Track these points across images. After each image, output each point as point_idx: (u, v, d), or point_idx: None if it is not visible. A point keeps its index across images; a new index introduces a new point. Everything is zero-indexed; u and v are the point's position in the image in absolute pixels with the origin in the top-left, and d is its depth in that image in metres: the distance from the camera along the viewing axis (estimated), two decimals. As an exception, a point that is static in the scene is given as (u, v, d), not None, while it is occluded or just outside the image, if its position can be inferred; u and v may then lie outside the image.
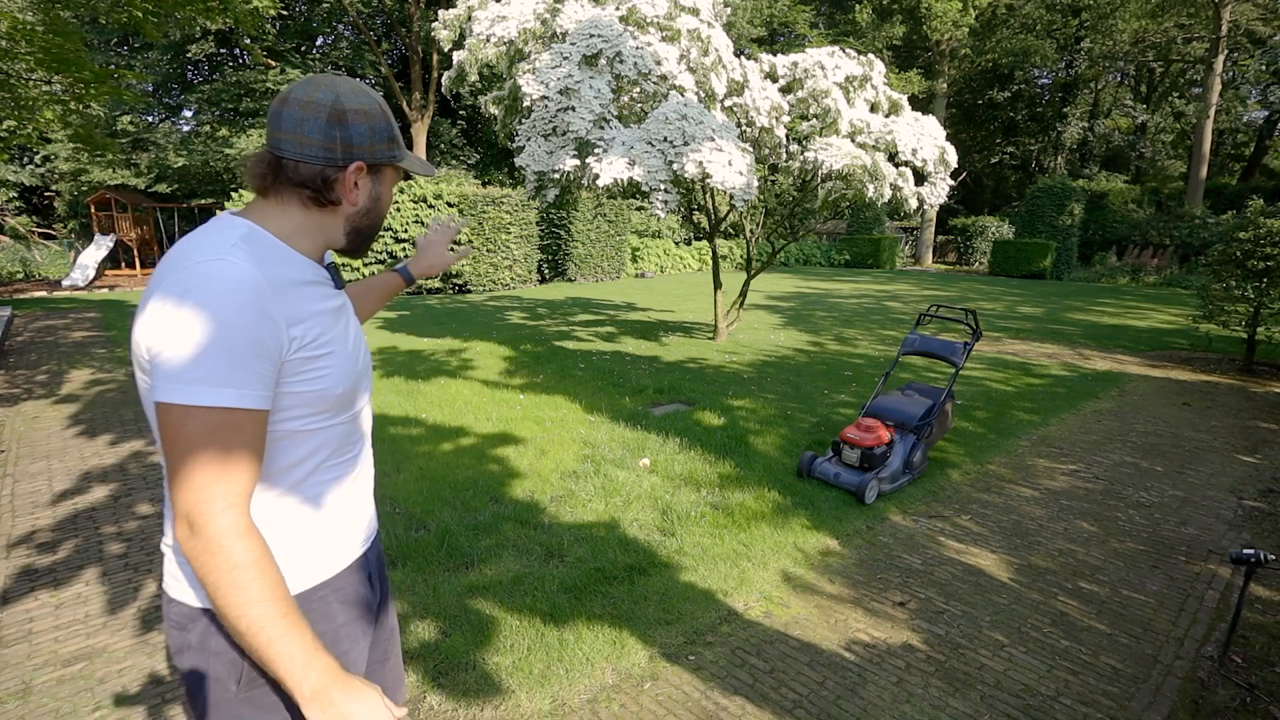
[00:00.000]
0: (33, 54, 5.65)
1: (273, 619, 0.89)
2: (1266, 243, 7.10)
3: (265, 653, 0.89)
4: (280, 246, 1.01)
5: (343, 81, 1.03)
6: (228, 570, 0.88)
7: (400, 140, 1.09)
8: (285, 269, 0.99)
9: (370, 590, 1.20)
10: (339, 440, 1.09)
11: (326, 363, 1.01)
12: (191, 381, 0.87)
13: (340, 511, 1.12)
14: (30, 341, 8.40)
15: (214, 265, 0.90)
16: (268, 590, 0.90)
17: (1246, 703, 2.29)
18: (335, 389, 1.04)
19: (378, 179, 1.08)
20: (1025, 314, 12.01)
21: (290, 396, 0.98)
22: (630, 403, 5.71)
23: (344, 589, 1.12)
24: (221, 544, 0.88)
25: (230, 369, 0.88)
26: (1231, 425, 5.51)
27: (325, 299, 1.05)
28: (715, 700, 2.24)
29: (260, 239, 0.99)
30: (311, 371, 1.00)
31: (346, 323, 1.12)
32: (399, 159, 1.08)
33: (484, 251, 14.61)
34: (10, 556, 3.16)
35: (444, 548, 3.16)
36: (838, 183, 6.96)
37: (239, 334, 0.88)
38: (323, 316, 1.03)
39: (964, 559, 3.24)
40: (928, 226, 25.64)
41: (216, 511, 0.88)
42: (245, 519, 0.91)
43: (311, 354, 0.99)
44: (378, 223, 1.12)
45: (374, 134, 1.04)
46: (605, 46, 6.17)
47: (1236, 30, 22.48)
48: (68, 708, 2.18)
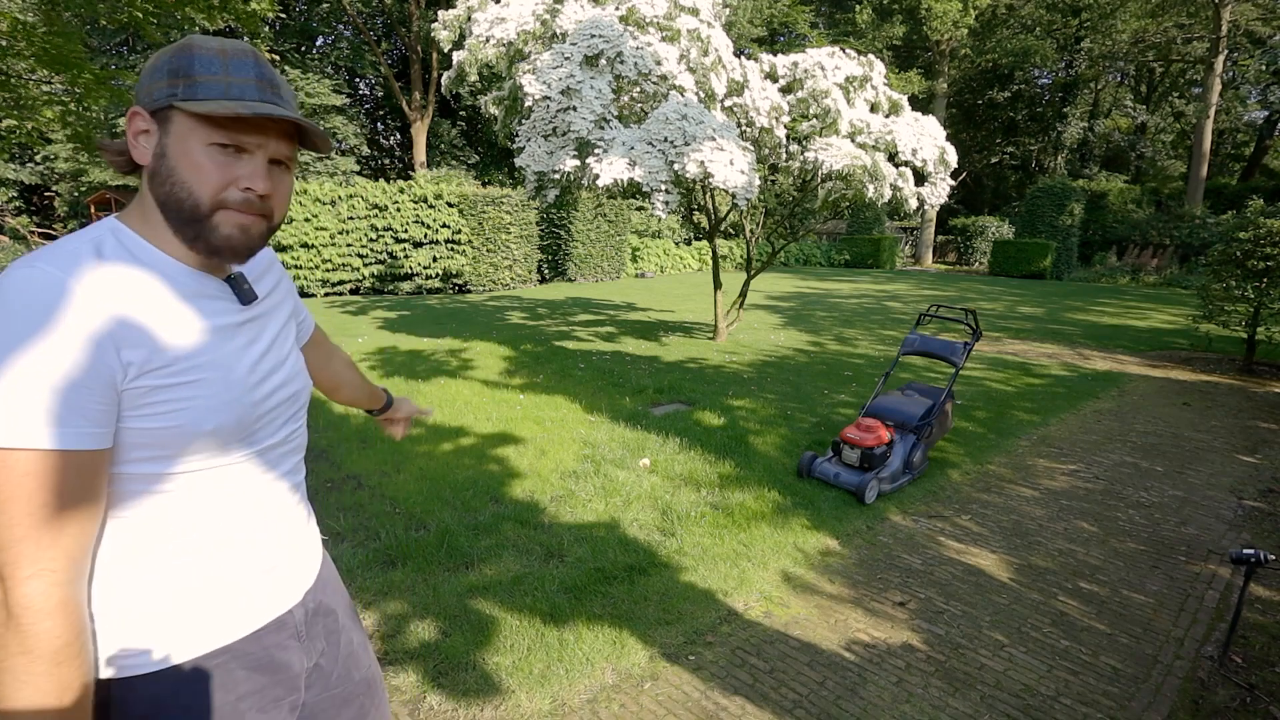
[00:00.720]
0: (33, 54, 5.65)
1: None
2: (1266, 243, 7.10)
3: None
4: (145, 249, 0.84)
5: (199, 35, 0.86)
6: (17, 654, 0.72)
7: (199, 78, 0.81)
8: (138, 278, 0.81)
9: (300, 655, 1.02)
10: (234, 487, 0.91)
11: (189, 392, 0.83)
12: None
13: (244, 568, 0.94)
14: (30, 341, 8.38)
15: (16, 274, 0.73)
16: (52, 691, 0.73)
17: (1246, 703, 2.29)
18: (202, 424, 0.84)
19: (165, 130, 0.82)
20: (1025, 314, 12.02)
21: (137, 433, 0.80)
22: (630, 403, 5.71)
23: (252, 654, 0.94)
24: (22, 621, 0.71)
25: (40, 402, 0.71)
26: (1231, 425, 5.51)
27: (202, 315, 0.87)
28: (715, 700, 2.24)
29: (122, 240, 0.83)
30: (164, 403, 0.81)
31: (243, 345, 0.92)
32: (182, 97, 0.80)
33: (484, 251, 14.61)
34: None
35: (444, 548, 3.16)
36: (838, 183, 6.96)
37: (52, 359, 0.72)
38: (193, 336, 0.85)
39: (964, 559, 3.24)
40: (928, 226, 25.65)
41: (21, 578, 0.71)
42: (61, 592, 0.74)
43: (163, 381, 0.81)
44: (180, 193, 0.83)
45: (152, 74, 0.82)
46: (606, 47, 6.17)
47: (1236, 30, 22.49)
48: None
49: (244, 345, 0.92)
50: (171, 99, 0.80)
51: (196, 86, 0.80)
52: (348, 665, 1.13)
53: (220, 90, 0.81)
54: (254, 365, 0.93)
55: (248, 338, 0.93)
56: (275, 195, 0.89)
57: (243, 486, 0.93)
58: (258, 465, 0.95)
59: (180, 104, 0.80)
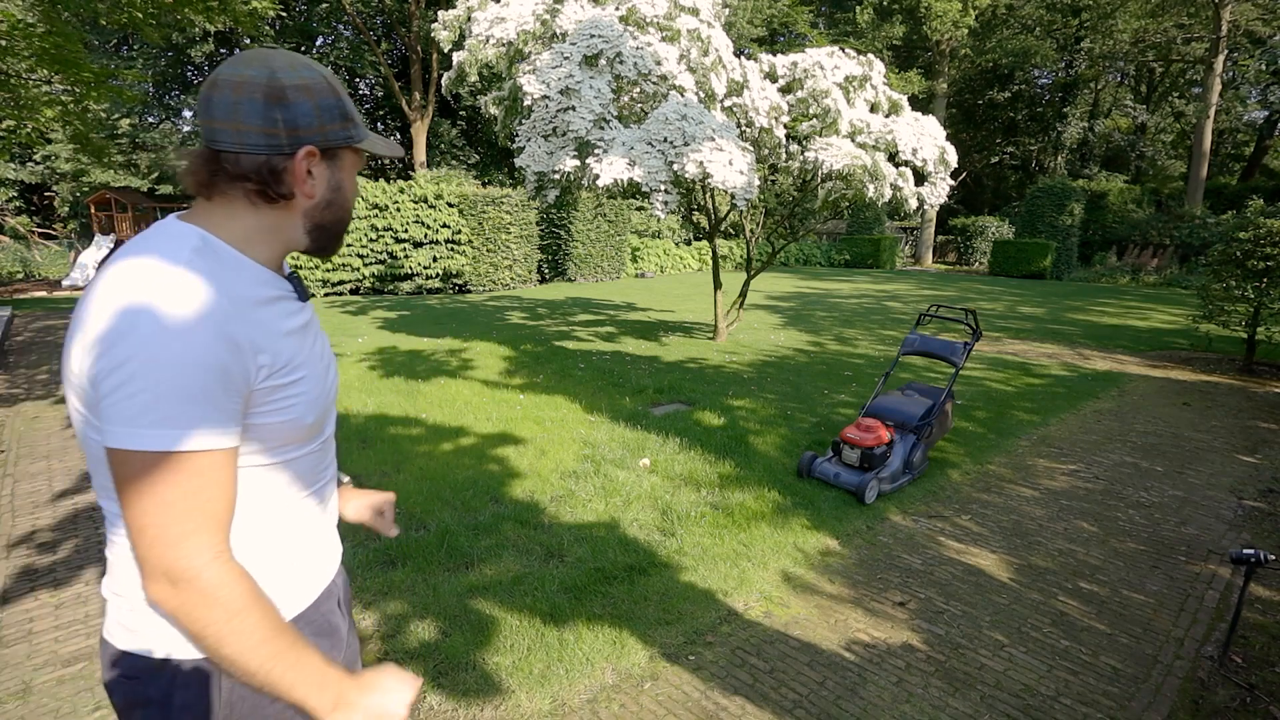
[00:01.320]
0: (33, 53, 5.65)
1: (280, 654, 0.84)
2: (1266, 243, 7.10)
3: (279, 687, 0.84)
4: (238, 259, 0.89)
5: (278, 54, 0.89)
6: (227, 620, 0.81)
7: (356, 118, 0.95)
8: (246, 286, 0.88)
9: (340, 617, 1.13)
10: (310, 470, 1.01)
11: (298, 389, 0.92)
12: (153, 425, 0.76)
13: (312, 541, 1.05)
14: (30, 341, 8.40)
15: (169, 287, 0.79)
16: (269, 628, 0.84)
17: (1246, 703, 2.29)
18: (306, 418, 0.94)
19: (335, 165, 0.94)
20: (1025, 314, 12.02)
21: (258, 429, 0.88)
22: (630, 403, 5.71)
23: (316, 620, 1.04)
24: (217, 596, 0.80)
25: (195, 407, 0.78)
26: (1231, 425, 5.51)
27: (291, 315, 0.94)
28: (715, 700, 2.24)
29: (216, 251, 0.87)
30: (281, 400, 0.90)
31: (314, 339, 1.01)
32: (357, 139, 0.94)
33: (484, 251, 14.61)
34: (10, 556, 3.16)
35: (444, 548, 3.16)
36: (838, 183, 6.96)
37: (202, 367, 0.78)
38: (291, 337, 0.92)
39: (964, 559, 3.24)
40: (928, 226, 25.65)
41: (203, 564, 0.80)
42: (232, 563, 0.84)
43: (281, 381, 0.89)
44: (345, 216, 0.98)
45: (322, 112, 0.89)
46: (605, 47, 6.17)
47: (1236, 30, 22.48)
48: (68, 708, 2.18)
49: (313, 342, 1.00)
50: (349, 141, 0.94)
51: (358, 128, 0.95)
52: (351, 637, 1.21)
53: (365, 131, 0.96)
54: (323, 359, 1.02)
55: (314, 334, 1.02)
56: None
57: (314, 469, 1.02)
58: (324, 449, 1.05)
59: (357, 145, 0.95)
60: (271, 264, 0.95)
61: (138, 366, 0.76)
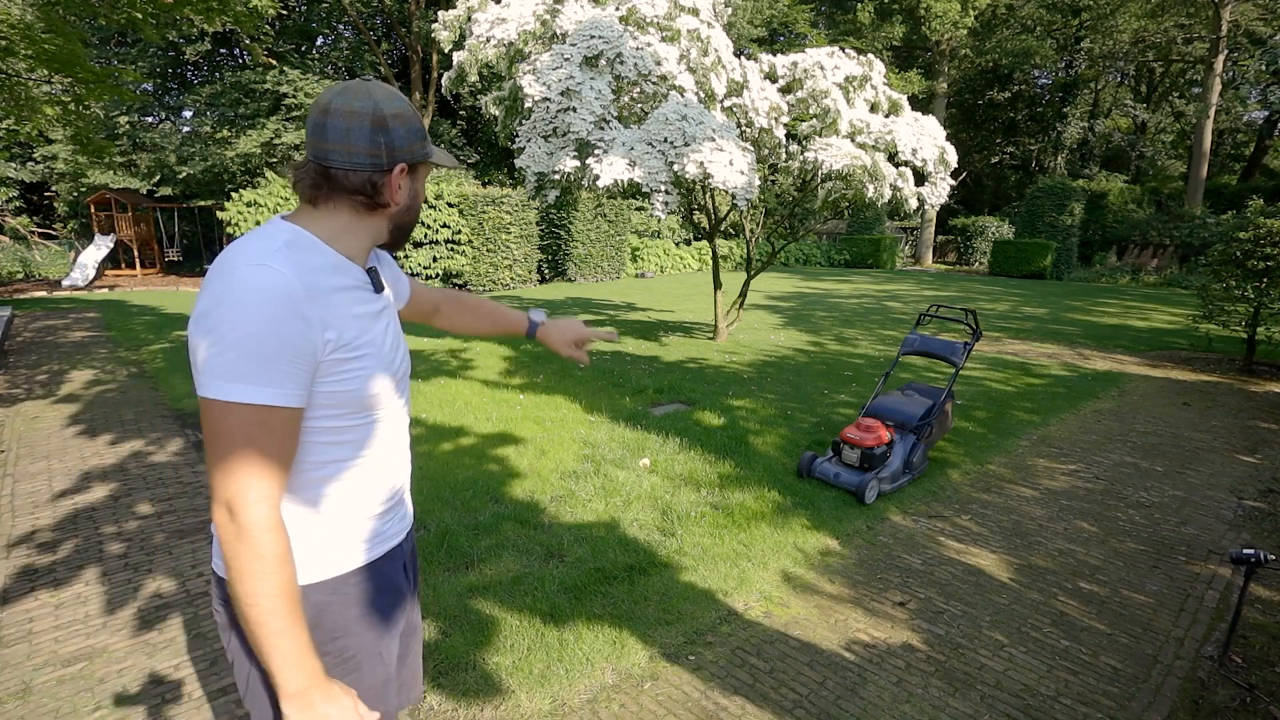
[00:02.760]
0: (33, 53, 5.64)
1: (279, 614, 0.94)
2: (1266, 243, 7.10)
3: (264, 644, 0.94)
4: (325, 251, 1.05)
5: (377, 88, 1.06)
6: (253, 560, 0.93)
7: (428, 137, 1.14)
8: (325, 275, 1.02)
9: (405, 581, 1.26)
10: (374, 437, 1.14)
11: (360, 364, 1.06)
12: (231, 380, 0.92)
13: (377, 503, 1.16)
14: (30, 341, 8.40)
15: (254, 271, 0.94)
16: (282, 587, 0.95)
17: (1246, 703, 2.29)
18: (368, 390, 1.08)
19: (414, 177, 1.13)
20: (1025, 314, 12.02)
21: (325, 396, 1.03)
22: (630, 403, 5.71)
23: (377, 577, 1.17)
24: (253, 534, 0.93)
25: (266, 370, 0.93)
26: (1231, 425, 5.51)
27: (364, 303, 1.09)
28: (715, 700, 2.24)
29: (305, 244, 1.03)
30: (345, 373, 1.04)
31: (385, 326, 1.15)
32: (431, 155, 1.13)
33: (484, 251, 14.61)
34: (10, 556, 3.16)
35: (444, 548, 3.16)
36: (838, 183, 6.96)
37: (275, 337, 0.93)
38: (360, 320, 1.07)
39: (964, 559, 3.24)
40: (928, 226, 25.64)
41: (251, 502, 0.93)
42: (275, 514, 0.96)
43: (346, 356, 1.03)
44: (417, 216, 1.18)
45: (411, 135, 1.08)
46: (605, 47, 6.17)
47: (1236, 30, 22.48)
48: (68, 708, 2.18)
49: (384, 327, 1.14)
50: (426, 157, 1.11)
51: (430, 146, 1.13)
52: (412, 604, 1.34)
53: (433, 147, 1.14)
54: (392, 342, 1.16)
55: (385, 320, 1.16)
56: None
57: (385, 437, 1.16)
58: (394, 421, 1.18)
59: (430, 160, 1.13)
60: (357, 258, 1.11)
61: (225, 331, 0.91)
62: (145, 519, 3.55)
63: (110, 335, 8.85)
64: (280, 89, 17.44)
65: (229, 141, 17.49)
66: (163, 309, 11.40)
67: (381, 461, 1.17)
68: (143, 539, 3.33)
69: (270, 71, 17.48)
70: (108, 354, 7.67)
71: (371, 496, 1.15)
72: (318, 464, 1.07)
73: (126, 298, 13.28)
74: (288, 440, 0.98)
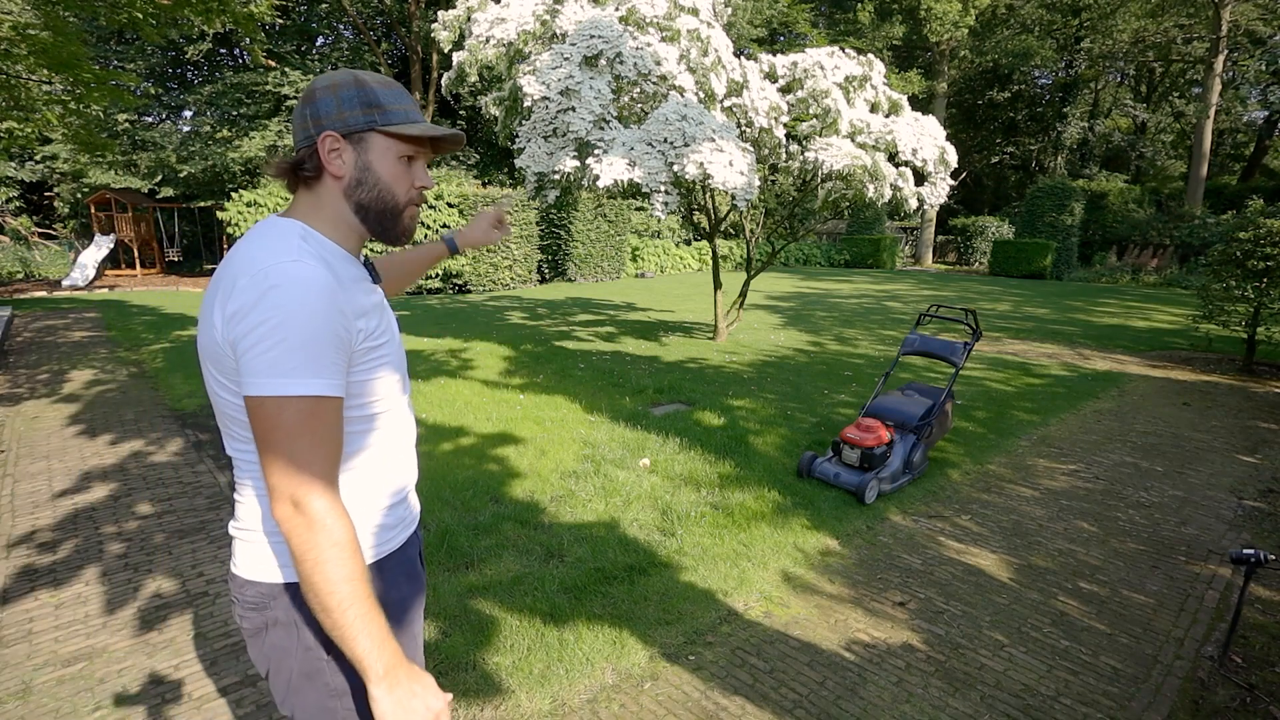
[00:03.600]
0: (34, 53, 5.64)
1: (359, 598, 0.95)
2: (1266, 243, 7.10)
3: (348, 629, 0.95)
4: (330, 244, 1.07)
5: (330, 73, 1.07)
6: (328, 547, 0.94)
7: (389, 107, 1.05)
8: (342, 266, 1.05)
9: (421, 568, 1.30)
10: (398, 423, 1.17)
11: (384, 351, 1.09)
12: (285, 374, 0.93)
13: (402, 487, 1.20)
14: (30, 341, 8.40)
15: (292, 267, 0.96)
16: (357, 570, 0.96)
17: (1246, 703, 2.29)
18: (392, 375, 1.12)
19: (362, 147, 1.06)
20: (1025, 314, 12.02)
21: (357, 384, 1.05)
22: (630, 403, 5.71)
23: (405, 563, 1.22)
24: (324, 522, 0.94)
25: (317, 362, 0.95)
26: (1231, 425, 5.51)
27: (369, 293, 1.11)
28: (715, 700, 2.24)
29: (314, 238, 1.05)
30: (373, 360, 1.07)
31: (390, 315, 1.19)
32: (380, 124, 1.05)
33: (484, 251, 14.60)
34: (10, 556, 3.16)
35: (444, 548, 3.16)
36: (838, 183, 6.96)
37: (322, 329, 0.95)
38: (374, 310, 1.09)
39: (964, 559, 3.24)
40: (928, 226, 25.64)
41: (318, 493, 0.95)
42: (338, 501, 0.98)
43: (373, 344, 1.06)
44: (385, 196, 1.09)
45: (342, 103, 1.03)
46: (605, 47, 6.16)
47: (1236, 30, 22.48)
48: (68, 708, 2.18)
49: (391, 317, 1.18)
50: (371, 125, 1.04)
51: (389, 114, 1.05)
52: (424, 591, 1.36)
53: (403, 116, 1.06)
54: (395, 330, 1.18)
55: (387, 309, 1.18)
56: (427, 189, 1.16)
57: (400, 423, 1.18)
58: (405, 408, 1.21)
59: (381, 128, 1.04)
60: (352, 249, 1.12)
61: (271, 329, 0.92)
62: (145, 519, 3.56)
63: (110, 335, 8.86)
64: (281, 90, 17.44)
65: (229, 142, 17.49)
66: (163, 309, 11.40)
67: (405, 446, 1.20)
68: (143, 539, 3.33)
69: (271, 72, 17.48)
70: (108, 354, 7.67)
71: (395, 483, 1.18)
72: (359, 452, 1.09)
73: (126, 298, 13.28)
74: (339, 430, 1.00)
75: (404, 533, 1.22)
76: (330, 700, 1.08)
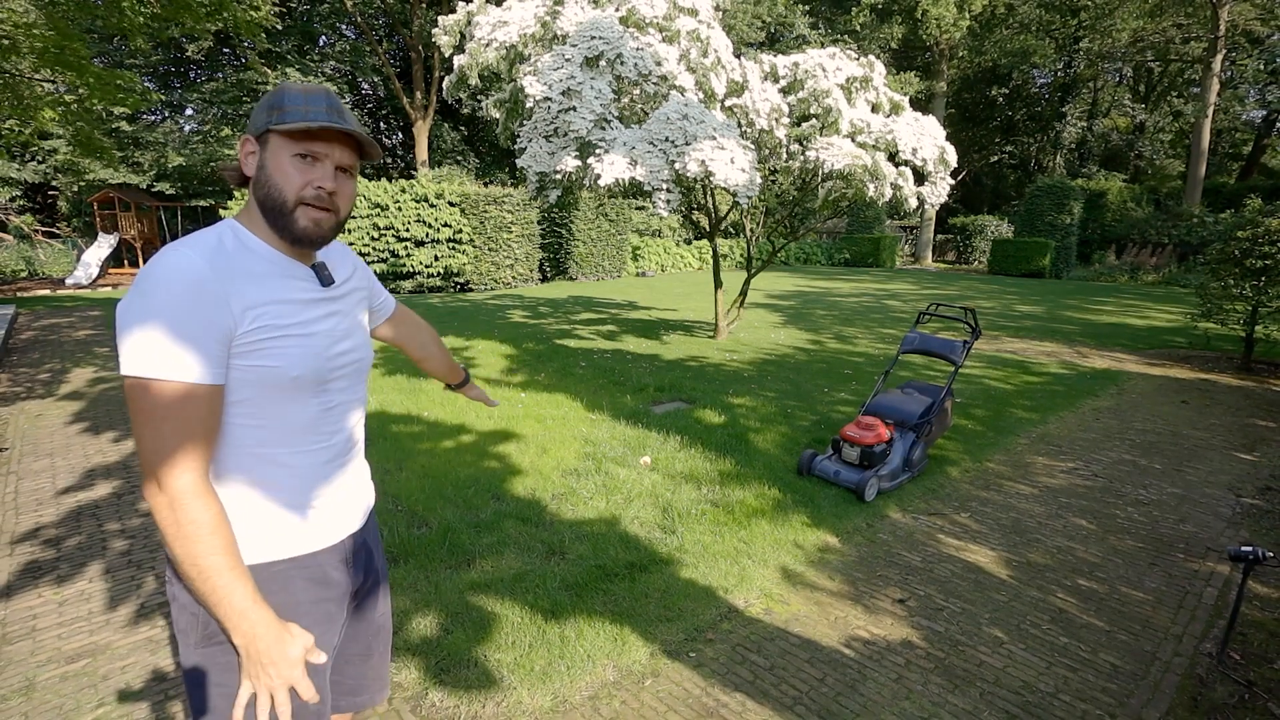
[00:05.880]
0: (36, 54, 5.65)
1: (220, 570, 0.99)
2: (1264, 241, 7.11)
3: (211, 597, 1.00)
4: (253, 240, 1.11)
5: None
6: (186, 524, 0.98)
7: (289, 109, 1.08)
8: (246, 261, 1.07)
9: (346, 577, 1.26)
10: (306, 424, 1.15)
11: (282, 344, 1.08)
12: (147, 358, 0.96)
13: (310, 494, 1.18)
14: (34, 340, 8.41)
15: (165, 256, 1.01)
16: (219, 545, 1.00)
17: (1245, 699, 2.30)
18: (290, 370, 1.09)
19: (264, 148, 1.11)
20: (1024, 312, 12.03)
21: (243, 371, 1.05)
22: (631, 401, 5.72)
23: (311, 569, 1.19)
24: (182, 502, 0.98)
25: (177, 347, 0.97)
26: (1230, 423, 5.52)
27: (294, 291, 1.12)
28: (716, 697, 2.25)
29: (236, 234, 1.10)
30: (263, 352, 1.06)
31: (323, 315, 1.17)
32: (274, 123, 1.07)
33: (486, 250, 14.61)
34: (14, 553, 3.17)
35: (445, 545, 3.17)
36: (838, 182, 6.97)
37: (183, 315, 0.97)
38: (283, 305, 1.09)
39: (963, 556, 3.26)
40: (927, 225, 25.66)
41: (178, 473, 0.98)
42: (202, 482, 1.01)
43: (265, 336, 1.06)
44: (273, 193, 1.10)
45: (260, 109, 1.10)
46: (606, 48, 6.17)
47: (1234, 30, 22.49)
48: (71, 704, 2.19)
49: (322, 316, 1.17)
50: (268, 125, 1.08)
51: (285, 114, 1.08)
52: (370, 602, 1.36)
53: (300, 116, 1.08)
54: (329, 333, 1.17)
55: (325, 311, 1.18)
56: (340, 194, 1.14)
57: (316, 427, 1.17)
58: (330, 413, 1.19)
59: (274, 127, 1.08)
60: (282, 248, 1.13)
61: (138, 314, 0.96)
62: (148, 516, 3.57)
63: (113, 334, 8.86)
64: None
65: (230, 141, 17.49)
66: (163, 308, 11.38)
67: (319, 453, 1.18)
68: (146, 536, 3.34)
69: (273, 74, 17.48)
70: (110, 352, 7.68)
71: (307, 486, 1.17)
72: (246, 447, 1.09)
73: (127, 297, 13.27)
74: (208, 416, 1.01)
75: (315, 540, 1.19)
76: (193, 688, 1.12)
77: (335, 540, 1.23)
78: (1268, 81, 25.77)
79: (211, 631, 1.08)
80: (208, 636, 1.09)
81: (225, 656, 1.09)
